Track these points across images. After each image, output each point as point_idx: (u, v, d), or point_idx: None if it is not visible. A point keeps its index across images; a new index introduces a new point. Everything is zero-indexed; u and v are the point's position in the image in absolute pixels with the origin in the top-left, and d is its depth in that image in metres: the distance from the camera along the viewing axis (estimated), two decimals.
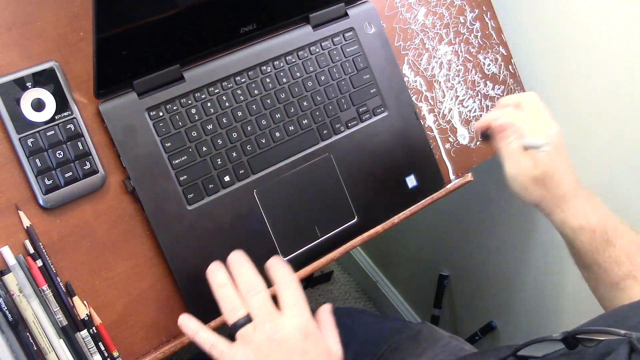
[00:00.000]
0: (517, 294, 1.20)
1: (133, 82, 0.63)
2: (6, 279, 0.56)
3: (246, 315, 0.55)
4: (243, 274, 0.57)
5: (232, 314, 0.55)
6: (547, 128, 0.66)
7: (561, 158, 0.66)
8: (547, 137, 0.65)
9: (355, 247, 0.73)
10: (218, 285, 0.57)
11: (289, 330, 0.54)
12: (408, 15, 0.82)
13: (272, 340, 0.54)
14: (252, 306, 0.55)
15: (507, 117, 0.67)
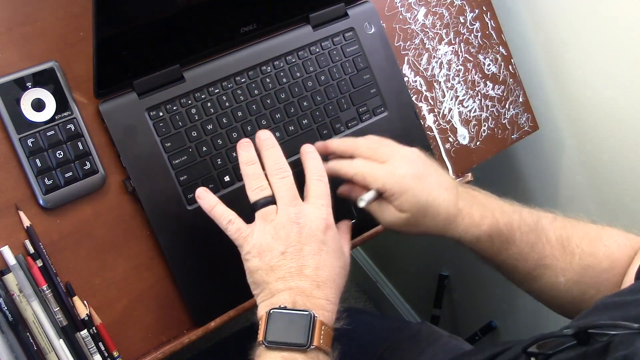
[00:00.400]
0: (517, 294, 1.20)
1: (133, 82, 0.63)
2: (6, 279, 0.56)
3: (270, 196, 0.55)
4: (273, 154, 0.57)
5: (257, 192, 0.55)
6: (397, 170, 0.60)
7: (424, 185, 0.60)
8: (390, 174, 0.59)
9: (355, 247, 0.73)
10: (246, 162, 0.56)
11: (311, 218, 0.54)
12: (408, 15, 0.82)
13: (294, 224, 0.54)
14: (278, 188, 0.55)
15: (355, 173, 0.61)
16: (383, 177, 0.59)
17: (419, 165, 0.61)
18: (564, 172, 0.98)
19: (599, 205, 0.95)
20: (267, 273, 0.53)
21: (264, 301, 0.53)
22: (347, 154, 0.63)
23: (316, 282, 0.53)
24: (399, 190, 0.59)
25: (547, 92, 0.93)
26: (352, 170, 0.61)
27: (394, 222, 0.61)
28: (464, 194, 0.63)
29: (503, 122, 0.88)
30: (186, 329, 0.64)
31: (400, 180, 0.59)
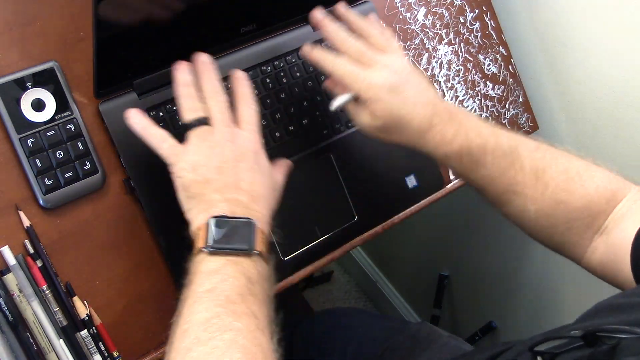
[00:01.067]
0: (517, 294, 1.20)
1: (133, 82, 0.63)
2: (6, 279, 0.56)
3: (205, 117, 0.55)
4: (210, 78, 0.58)
5: (192, 112, 0.56)
6: (371, 71, 0.61)
7: (398, 98, 0.60)
8: (368, 82, 0.60)
9: (355, 247, 0.73)
10: (182, 84, 0.57)
11: (244, 140, 0.56)
12: (408, 15, 0.82)
13: (228, 142, 0.55)
14: (213, 109, 0.56)
15: (334, 70, 0.62)
16: (360, 83, 0.60)
17: (401, 76, 0.61)
18: None
19: None
20: (202, 185, 0.53)
21: (201, 212, 0.53)
22: (335, 47, 0.63)
23: (252, 196, 0.54)
24: (373, 98, 0.60)
25: (547, 92, 0.93)
26: (332, 67, 0.62)
27: (367, 126, 0.62)
28: (442, 111, 0.62)
29: (503, 122, 0.88)
30: None
31: (376, 89, 0.60)
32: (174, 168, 0.55)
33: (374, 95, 0.60)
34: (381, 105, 0.60)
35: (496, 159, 0.61)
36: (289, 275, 0.68)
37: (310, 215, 0.70)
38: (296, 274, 0.69)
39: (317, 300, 1.69)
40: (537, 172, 0.61)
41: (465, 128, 0.62)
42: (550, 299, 1.11)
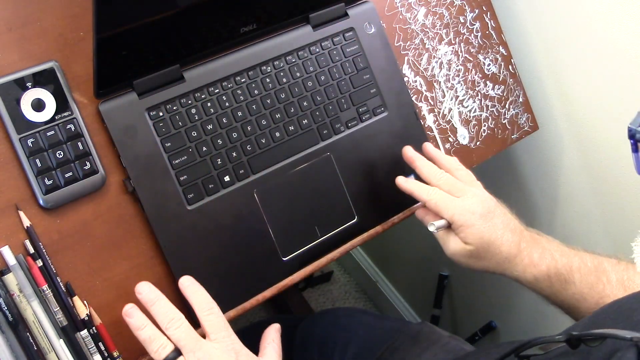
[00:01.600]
0: (517, 294, 1.20)
1: (133, 82, 0.63)
2: (6, 279, 0.56)
3: (174, 350, 0.54)
4: (160, 307, 0.56)
5: (160, 352, 0.54)
6: (462, 199, 0.66)
7: (490, 224, 0.65)
8: (461, 208, 0.64)
9: (355, 247, 0.73)
10: (138, 329, 0.55)
11: (219, 354, 0.54)
12: (408, 15, 0.82)
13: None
14: (177, 338, 0.54)
15: (430, 198, 0.67)
16: (453, 209, 0.65)
17: (489, 205, 0.66)
18: (564, 172, 0.98)
19: (598, 205, 0.95)
20: None
21: None
22: (428, 180, 0.69)
23: None
24: (466, 223, 0.64)
25: (547, 92, 0.93)
26: (427, 196, 0.67)
27: (457, 252, 0.67)
28: (528, 237, 0.67)
29: (503, 122, 0.88)
30: None
31: (469, 215, 0.65)
32: None
33: (468, 221, 0.64)
34: (474, 230, 0.64)
35: (584, 276, 0.64)
36: (289, 275, 0.68)
37: (310, 215, 0.70)
38: (296, 274, 0.69)
39: (317, 300, 1.69)
40: (623, 282, 0.64)
41: (549, 250, 0.66)
42: None
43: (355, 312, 0.94)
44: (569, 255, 0.65)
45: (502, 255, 0.65)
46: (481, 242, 0.64)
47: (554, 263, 0.65)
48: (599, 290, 0.64)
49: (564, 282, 0.64)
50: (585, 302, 0.64)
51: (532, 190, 1.06)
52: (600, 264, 0.65)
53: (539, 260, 0.65)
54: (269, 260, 0.67)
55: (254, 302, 0.67)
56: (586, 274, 0.64)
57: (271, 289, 0.67)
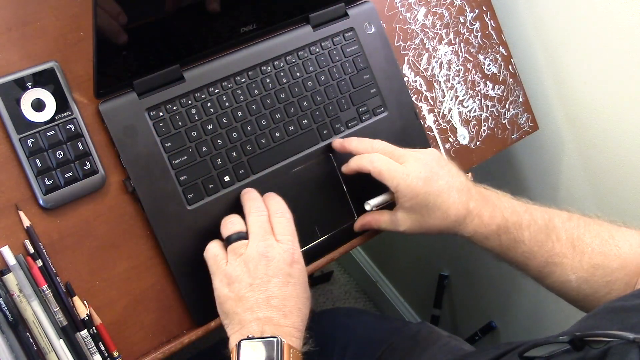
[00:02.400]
0: (517, 294, 1.20)
1: (133, 82, 0.63)
2: (6, 279, 0.56)
3: (242, 231, 0.58)
4: (251, 198, 0.62)
5: (230, 226, 0.59)
6: (407, 173, 0.64)
7: (434, 188, 0.63)
8: (406, 175, 0.63)
9: (355, 247, 0.73)
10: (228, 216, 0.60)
11: (279, 252, 0.57)
12: (408, 15, 0.82)
13: (262, 257, 0.56)
14: (251, 223, 0.59)
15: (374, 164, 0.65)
16: (398, 177, 0.64)
17: (433, 167, 0.65)
18: (564, 172, 0.98)
19: (598, 205, 0.95)
20: (235, 303, 0.55)
21: (234, 333, 0.55)
22: (365, 152, 0.67)
23: (283, 312, 0.55)
24: (411, 193, 0.63)
25: (547, 92, 0.93)
26: (371, 165, 0.65)
27: (409, 225, 0.65)
28: (477, 194, 0.65)
29: (503, 122, 0.88)
30: (186, 329, 0.64)
31: (413, 182, 0.63)
32: (213, 280, 0.58)
33: (412, 191, 0.63)
34: (418, 200, 0.63)
35: (533, 234, 0.64)
36: None
37: (310, 215, 0.70)
38: None
39: (317, 300, 1.69)
40: (573, 240, 0.64)
41: (500, 208, 0.65)
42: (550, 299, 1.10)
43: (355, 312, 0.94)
44: (519, 213, 0.64)
45: (450, 219, 0.64)
46: (427, 209, 0.64)
47: (504, 222, 0.64)
48: (548, 249, 0.63)
49: (514, 240, 0.64)
50: (535, 260, 0.64)
51: (532, 190, 1.06)
52: (551, 220, 0.65)
53: (489, 219, 0.64)
54: None
55: None
56: (536, 231, 0.64)
57: None
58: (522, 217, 0.64)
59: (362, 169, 0.66)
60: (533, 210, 0.65)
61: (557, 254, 0.63)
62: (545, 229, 0.64)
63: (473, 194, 0.65)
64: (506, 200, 0.66)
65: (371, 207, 0.67)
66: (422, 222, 0.65)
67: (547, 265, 0.64)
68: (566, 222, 0.65)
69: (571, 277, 0.63)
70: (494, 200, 0.65)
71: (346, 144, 0.69)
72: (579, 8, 0.83)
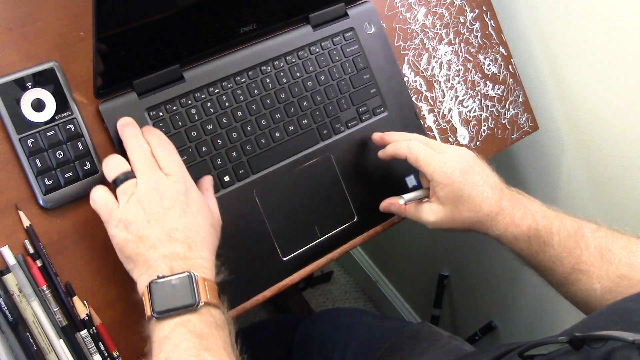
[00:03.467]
0: (517, 294, 1.20)
1: (133, 82, 0.63)
2: (6, 279, 0.56)
3: (128, 171, 0.55)
4: (129, 134, 0.58)
5: (115, 168, 0.55)
6: (445, 162, 0.64)
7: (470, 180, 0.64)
8: (442, 163, 0.64)
9: (355, 247, 0.73)
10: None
11: (169, 183, 0.55)
12: (408, 15, 0.82)
13: (154, 191, 0.54)
14: (135, 160, 0.55)
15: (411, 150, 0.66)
16: (435, 164, 0.64)
17: (469, 161, 0.65)
18: (564, 172, 0.98)
19: (598, 205, 0.95)
20: (137, 244, 0.53)
21: (142, 275, 0.53)
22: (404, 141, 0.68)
23: (187, 244, 0.53)
24: (446, 180, 0.64)
25: (547, 92, 0.93)
26: (408, 150, 0.66)
27: (438, 218, 0.65)
28: (509, 195, 0.66)
29: (503, 122, 0.88)
30: None
31: (449, 171, 0.64)
32: (107, 226, 0.55)
33: (447, 179, 0.64)
34: (452, 188, 0.64)
35: (562, 240, 0.64)
36: (289, 275, 0.68)
37: (310, 215, 0.70)
38: (296, 273, 0.69)
39: (317, 300, 1.69)
40: (601, 250, 0.63)
41: (531, 211, 0.65)
42: (551, 299, 1.11)
43: (355, 312, 0.94)
44: (550, 218, 0.65)
45: (482, 213, 0.64)
46: (461, 200, 0.64)
47: (534, 224, 0.64)
48: (576, 256, 0.63)
49: (543, 244, 0.64)
50: (562, 266, 0.64)
51: (532, 190, 1.06)
52: (580, 229, 0.65)
53: (521, 220, 0.64)
54: (269, 260, 0.67)
55: (254, 302, 0.67)
56: (565, 237, 0.64)
57: (271, 289, 0.67)
58: (553, 222, 0.65)
59: (398, 154, 0.67)
60: (563, 217, 0.66)
61: (584, 261, 0.63)
62: (574, 236, 0.64)
63: (506, 193, 0.66)
64: (537, 205, 0.67)
65: (405, 202, 0.66)
66: (454, 213, 0.65)
67: (574, 272, 0.64)
68: (595, 232, 0.65)
69: (596, 286, 0.63)
70: (526, 204, 0.66)
71: (385, 136, 0.70)
72: (579, 8, 0.83)
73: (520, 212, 0.65)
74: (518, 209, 0.65)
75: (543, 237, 0.64)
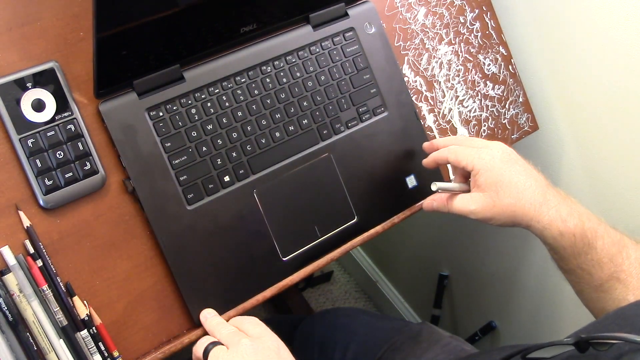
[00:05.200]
0: (517, 294, 1.20)
1: (133, 82, 0.63)
2: (6, 279, 0.56)
3: (216, 341, 0.56)
4: (212, 325, 0.60)
5: (201, 344, 0.56)
6: (484, 152, 0.65)
7: (509, 173, 0.63)
8: (485, 161, 0.64)
9: (355, 247, 0.73)
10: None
11: (264, 341, 0.56)
12: (408, 15, 0.82)
13: (248, 346, 0.55)
14: (222, 334, 0.57)
15: (450, 153, 0.67)
16: (474, 154, 0.64)
17: (511, 154, 0.65)
18: (564, 172, 0.98)
19: (598, 205, 0.95)
20: None
21: None
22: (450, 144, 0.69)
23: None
24: (486, 166, 0.64)
25: (547, 92, 0.93)
26: (447, 152, 0.67)
27: (479, 205, 0.64)
28: (554, 191, 0.65)
29: (503, 122, 0.88)
30: (186, 329, 0.64)
31: (488, 158, 0.64)
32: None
33: (486, 165, 0.63)
34: (494, 173, 0.63)
35: (606, 245, 0.63)
36: (289, 275, 0.68)
37: (310, 215, 0.70)
38: (296, 274, 0.69)
39: (317, 300, 1.69)
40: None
41: (577, 210, 0.64)
42: (551, 299, 1.11)
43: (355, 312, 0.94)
44: (595, 222, 0.64)
45: (525, 200, 0.62)
46: (501, 185, 0.63)
47: (581, 224, 0.63)
48: (617, 263, 0.62)
49: (587, 245, 0.62)
50: (601, 272, 0.63)
51: None
52: (622, 239, 0.64)
53: (568, 216, 0.63)
54: (269, 260, 0.67)
55: (254, 302, 0.67)
56: (609, 243, 0.63)
57: (271, 289, 0.67)
58: (598, 226, 0.63)
59: (440, 158, 0.68)
60: (607, 225, 0.65)
61: (624, 270, 0.62)
62: (618, 244, 0.63)
63: (551, 189, 0.65)
64: (583, 207, 0.65)
65: (437, 188, 0.65)
66: (494, 199, 0.63)
67: (611, 280, 0.62)
68: (636, 245, 0.64)
69: (630, 297, 0.62)
70: (572, 203, 0.65)
71: (434, 142, 0.72)
72: (578, 8, 0.83)
73: (567, 209, 0.63)
74: (565, 205, 0.63)
75: (588, 238, 0.62)
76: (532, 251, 1.10)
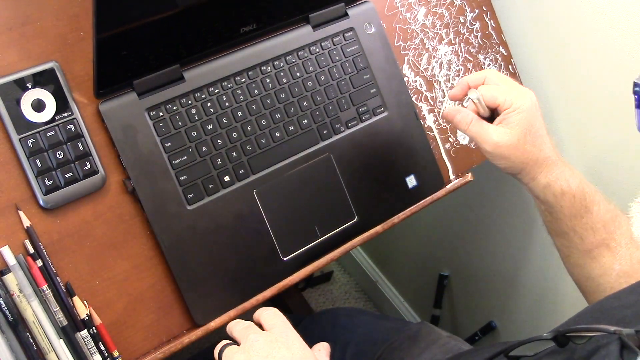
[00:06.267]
0: (517, 294, 1.20)
1: (133, 82, 0.63)
2: (6, 279, 0.56)
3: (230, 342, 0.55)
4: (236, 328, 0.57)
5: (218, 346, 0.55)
6: (524, 93, 0.65)
7: (539, 122, 0.64)
8: (525, 101, 0.64)
9: (355, 247, 0.73)
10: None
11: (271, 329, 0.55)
12: (408, 15, 0.82)
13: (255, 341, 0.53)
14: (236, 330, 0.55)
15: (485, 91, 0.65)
16: (512, 93, 0.64)
17: (539, 107, 0.65)
18: None
19: None
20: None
21: None
22: (480, 82, 0.67)
23: None
24: (522, 107, 0.63)
25: (547, 92, 0.93)
26: (488, 71, 0.66)
27: (501, 140, 0.63)
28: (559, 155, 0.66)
29: None
30: (186, 329, 0.64)
31: (528, 101, 0.63)
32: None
33: (519, 102, 0.63)
34: (525, 115, 0.63)
35: (602, 211, 0.64)
36: (289, 275, 0.68)
37: (310, 215, 0.70)
38: (296, 274, 0.69)
39: (317, 300, 1.69)
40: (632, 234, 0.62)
41: (578, 175, 0.65)
42: (551, 299, 1.11)
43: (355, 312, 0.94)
44: (593, 188, 0.65)
45: (544, 153, 0.64)
46: (531, 131, 0.63)
47: (582, 186, 0.64)
48: (610, 231, 0.63)
49: (584, 208, 0.64)
50: (593, 237, 0.64)
51: None
52: (616, 210, 0.65)
53: (570, 177, 0.64)
54: (269, 260, 0.67)
55: (254, 302, 0.67)
56: (604, 210, 0.64)
57: (271, 289, 0.67)
58: (596, 192, 0.65)
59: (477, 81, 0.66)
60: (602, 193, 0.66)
61: (614, 239, 0.63)
62: (612, 212, 0.64)
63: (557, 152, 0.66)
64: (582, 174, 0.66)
65: (477, 96, 0.64)
66: (520, 141, 0.63)
67: (601, 247, 0.64)
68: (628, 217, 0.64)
69: (616, 266, 0.63)
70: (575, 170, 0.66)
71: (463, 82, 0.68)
72: (579, 8, 0.83)
73: (570, 171, 0.65)
74: (568, 167, 0.65)
75: (586, 202, 0.64)
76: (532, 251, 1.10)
